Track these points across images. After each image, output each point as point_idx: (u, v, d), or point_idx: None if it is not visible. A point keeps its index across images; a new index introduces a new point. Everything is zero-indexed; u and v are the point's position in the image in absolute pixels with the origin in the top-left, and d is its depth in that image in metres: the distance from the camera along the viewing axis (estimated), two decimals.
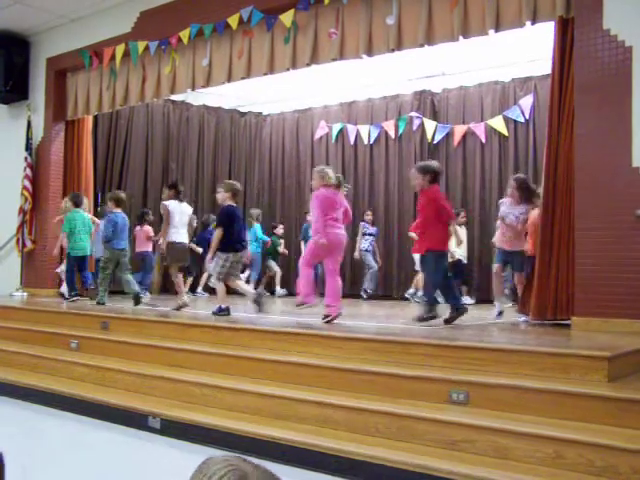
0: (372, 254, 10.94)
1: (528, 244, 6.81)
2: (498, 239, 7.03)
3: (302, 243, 10.84)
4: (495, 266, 6.96)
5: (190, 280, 11.03)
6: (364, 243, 10.86)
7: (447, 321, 5.97)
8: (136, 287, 8.28)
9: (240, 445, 4.35)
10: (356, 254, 10.82)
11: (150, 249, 10.05)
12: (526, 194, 6.73)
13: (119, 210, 8.49)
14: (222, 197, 7.19)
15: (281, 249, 12.09)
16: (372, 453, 3.81)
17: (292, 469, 4.03)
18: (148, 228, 10.16)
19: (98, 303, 8.19)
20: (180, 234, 7.74)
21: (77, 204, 9.11)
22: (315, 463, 3.98)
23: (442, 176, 6.61)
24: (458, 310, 6.01)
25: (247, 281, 10.64)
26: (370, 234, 10.98)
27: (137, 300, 8.05)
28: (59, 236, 9.60)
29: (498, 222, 7.04)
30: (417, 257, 9.86)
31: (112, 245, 8.30)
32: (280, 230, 12.17)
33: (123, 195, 8.85)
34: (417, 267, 9.85)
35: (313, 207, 6.40)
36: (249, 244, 9.81)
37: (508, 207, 6.81)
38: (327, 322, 6.06)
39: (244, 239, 7.23)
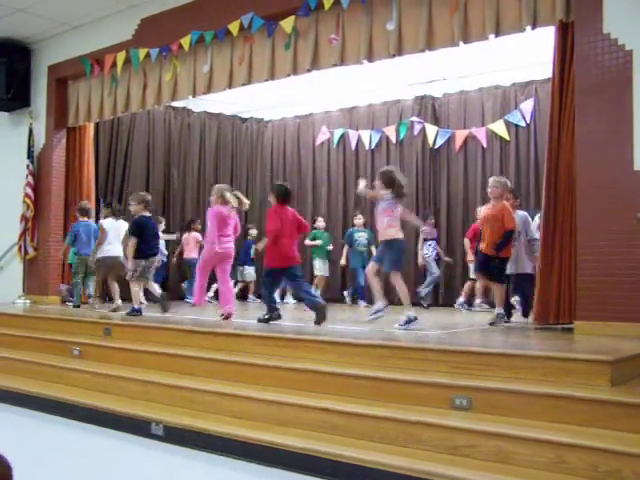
0: (436, 260, 10.34)
1: (483, 243, 6.76)
2: None
3: (346, 248, 10.66)
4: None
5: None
6: (427, 249, 10.27)
7: (261, 320, 6.77)
8: (91, 290, 9.32)
9: (243, 452, 4.35)
10: (420, 260, 10.30)
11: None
12: (388, 185, 6.53)
13: (84, 219, 9.31)
14: (135, 209, 7.86)
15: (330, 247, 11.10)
16: (374, 459, 3.80)
17: (295, 475, 4.03)
18: (196, 235, 10.84)
19: (74, 306, 9.05)
20: (114, 248, 8.62)
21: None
22: (317, 469, 3.97)
23: (290, 196, 7.09)
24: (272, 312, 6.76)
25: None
26: (432, 239, 10.35)
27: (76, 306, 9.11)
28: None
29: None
30: (471, 265, 9.68)
31: (77, 251, 9.23)
32: (321, 223, 11.12)
33: (88, 205, 9.64)
34: (472, 275, 9.49)
35: (209, 220, 7.39)
36: None
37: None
38: (225, 319, 7.04)
39: (155, 246, 7.99)
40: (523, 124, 10.23)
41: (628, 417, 3.59)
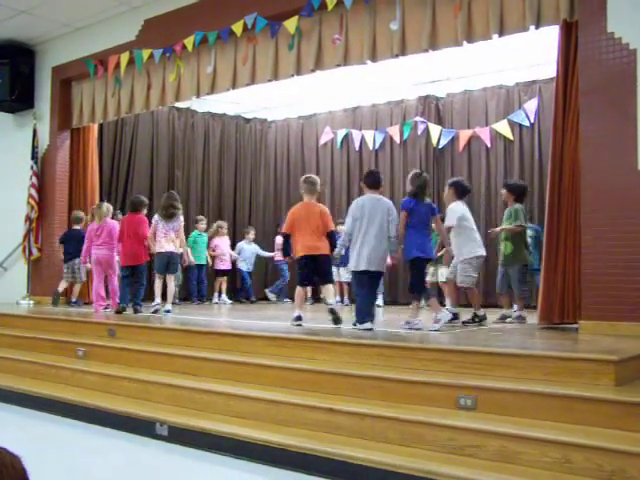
0: None
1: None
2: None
3: None
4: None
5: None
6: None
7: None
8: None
9: (248, 452, 4.35)
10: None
11: (281, 258, 11.12)
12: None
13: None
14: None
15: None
16: (380, 459, 3.79)
17: (300, 476, 4.03)
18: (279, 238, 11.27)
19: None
20: None
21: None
22: (322, 469, 3.97)
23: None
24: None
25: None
26: None
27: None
28: None
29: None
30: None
31: None
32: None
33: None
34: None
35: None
36: None
37: None
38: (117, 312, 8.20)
39: (73, 252, 9.52)
40: (527, 124, 10.23)
41: (633, 417, 3.58)
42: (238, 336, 5.87)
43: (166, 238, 8.09)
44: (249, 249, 11.83)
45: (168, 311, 8.01)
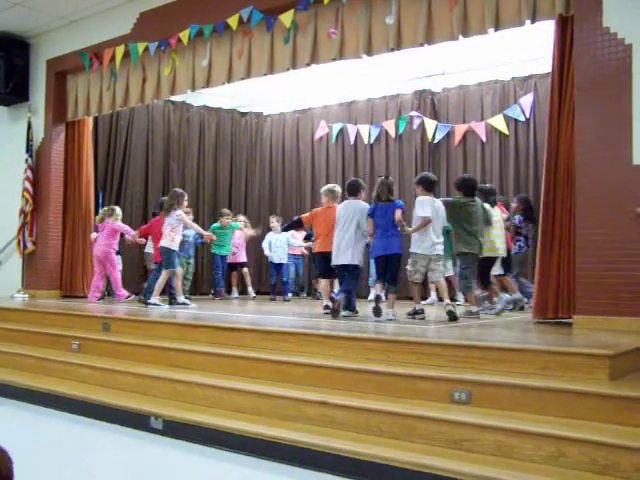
0: None
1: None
2: None
3: None
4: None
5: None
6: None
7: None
8: None
9: (242, 446, 4.35)
10: None
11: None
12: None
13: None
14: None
15: None
16: (375, 453, 3.80)
17: (295, 469, 4.03)
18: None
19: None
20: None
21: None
22: (318, 463, 3.98)
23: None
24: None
25: None
26: None
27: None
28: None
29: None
30: None
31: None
32: None
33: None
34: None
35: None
36: None
37: None
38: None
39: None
40: (522, 118, 10.22)
41: (627, 411, 3.59)
42: (234, 330, 5.86)
43: (163, 233, 8.36)
44: (279, 239, 11.02)
45: (150, 304, 8.25)
